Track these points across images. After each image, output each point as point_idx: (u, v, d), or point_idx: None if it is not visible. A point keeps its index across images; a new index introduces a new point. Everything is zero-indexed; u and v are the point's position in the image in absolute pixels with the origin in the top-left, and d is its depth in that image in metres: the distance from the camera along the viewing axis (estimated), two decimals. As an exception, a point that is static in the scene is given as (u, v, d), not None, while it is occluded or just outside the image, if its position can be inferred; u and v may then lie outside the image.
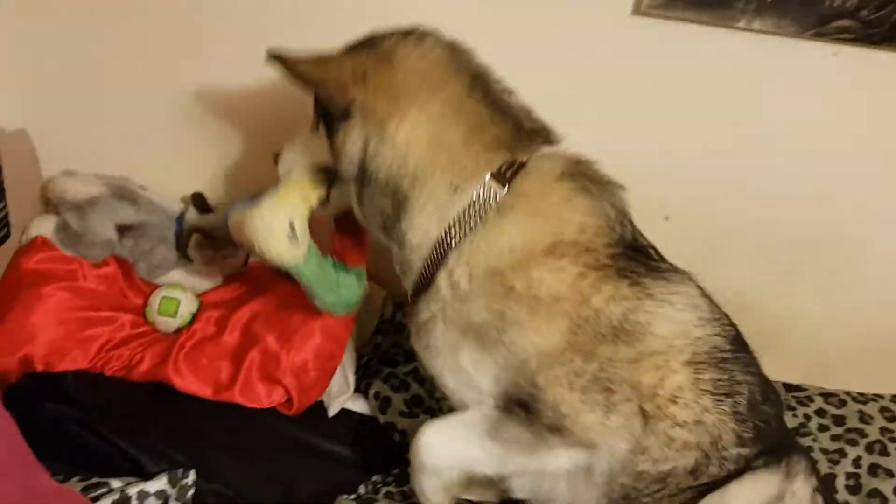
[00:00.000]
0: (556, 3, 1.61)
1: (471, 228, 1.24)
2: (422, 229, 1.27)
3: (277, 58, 1.24)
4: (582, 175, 1.29)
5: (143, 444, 1.40)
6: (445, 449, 1.29)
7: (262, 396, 1.55)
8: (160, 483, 1.31)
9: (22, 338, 1.52)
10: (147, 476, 1.35)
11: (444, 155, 1.24)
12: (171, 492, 1.31)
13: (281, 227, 1.33)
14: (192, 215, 1.71)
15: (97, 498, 1.26)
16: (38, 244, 1.63)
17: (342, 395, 1.67)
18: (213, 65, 1.71)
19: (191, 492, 1.33)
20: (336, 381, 1.64)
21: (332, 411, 1.63)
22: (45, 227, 1.65)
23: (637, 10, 1.60)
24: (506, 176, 1.24)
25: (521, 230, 1.23)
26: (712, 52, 1.63)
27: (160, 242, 1.70)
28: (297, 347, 1.57)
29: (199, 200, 1.73)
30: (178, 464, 1.38)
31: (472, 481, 1.41)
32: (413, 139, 1.23)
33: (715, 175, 1.73)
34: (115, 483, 1.29)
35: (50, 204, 1.71)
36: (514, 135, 1.29)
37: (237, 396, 1.53)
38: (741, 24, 1.60)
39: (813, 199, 1.75)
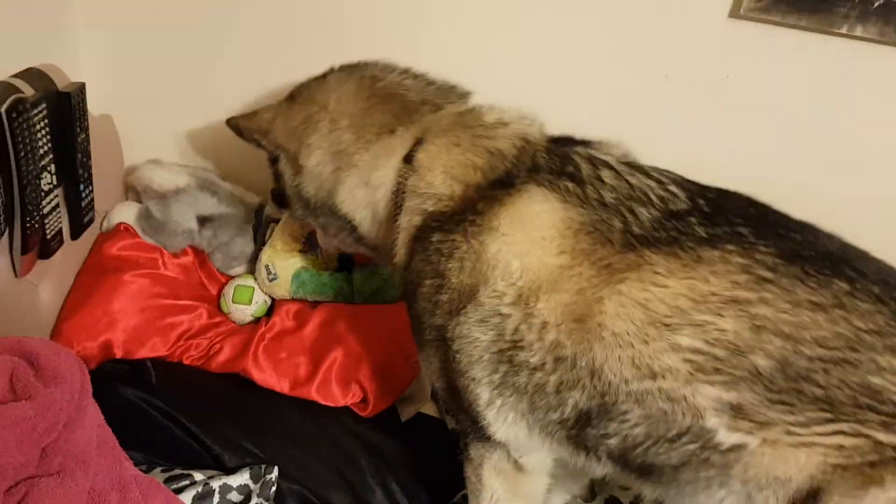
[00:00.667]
0: (650, 4, 1.57)
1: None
2: (376, 233, 1.32)
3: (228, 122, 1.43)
4: (453, 129, 1.24)
5: (221, 436, 1.39)
6: None
7: (338, 396, 1.53)
8: (243, 478, 1.30)
9: (103, 323, 1.53)
10: (225, 467, 1.35)
11: (343, 160, 1.29)
12: (254, 487, 1.31)
13: (263, 270, 1.65)
14: (271, 209, 1.71)
15: (180, 490, 1.26)
16: (121, 231, 1.64)
17: (417, 402, 1.65)
18: (298, 60, 1.69)
19: (273, 488, 1.32)
20: (411, 386, 1.63)
21: (406, 416, 1.61)
22: (127, 214, 1.67)
23: (735, 13, 1.55)
24: (412, 154, 1.24)
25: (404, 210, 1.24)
26: (811, 59, 1.57)
27: (238, 234, 1.71)
28: (378, 348, 1.56)
29: (278, 194, 1.73)
30: (256, 458, 1.37)
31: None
32: (319, 160, 1.32)
33: (809, 186, 1.67)
34: (198, 476, 1.29)
35: (133, 191, 1.73)
36: (400, 113, 1.29)
37: (314, 393, 1.52)
38: (843, 29, 1.54)
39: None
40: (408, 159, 1.23)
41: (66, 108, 1.42)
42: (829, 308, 0.99)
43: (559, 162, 1.18)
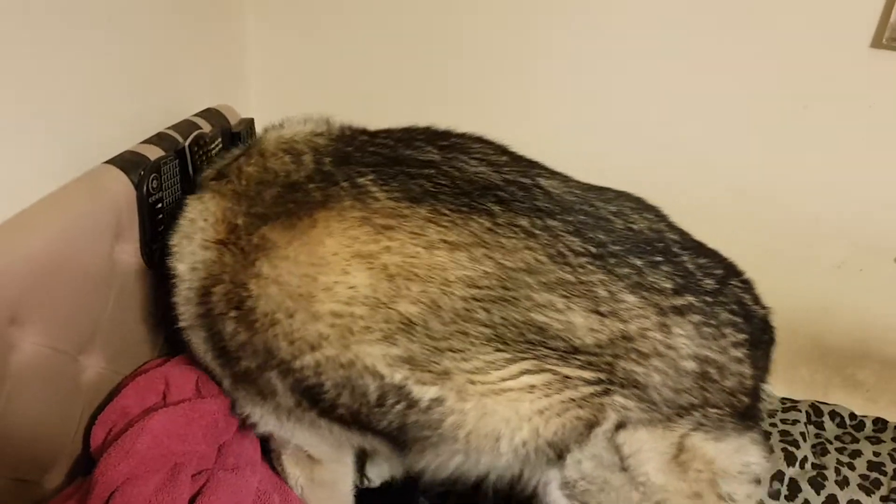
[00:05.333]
0: (789, 37, 1.58)
1: None
2: None
3: None
4: None
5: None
6: None
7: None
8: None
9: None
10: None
11: None
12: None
13: None
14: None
15: None
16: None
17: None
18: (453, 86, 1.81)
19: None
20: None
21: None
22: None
23: (877, 43, 1.55)
24: None
25: None
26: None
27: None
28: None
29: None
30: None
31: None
32: None
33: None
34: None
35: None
36: None
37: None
38: None
39: None
40: None
41: (237, 143, 1.56)
42: (469, 247, 0.96)
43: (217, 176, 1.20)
